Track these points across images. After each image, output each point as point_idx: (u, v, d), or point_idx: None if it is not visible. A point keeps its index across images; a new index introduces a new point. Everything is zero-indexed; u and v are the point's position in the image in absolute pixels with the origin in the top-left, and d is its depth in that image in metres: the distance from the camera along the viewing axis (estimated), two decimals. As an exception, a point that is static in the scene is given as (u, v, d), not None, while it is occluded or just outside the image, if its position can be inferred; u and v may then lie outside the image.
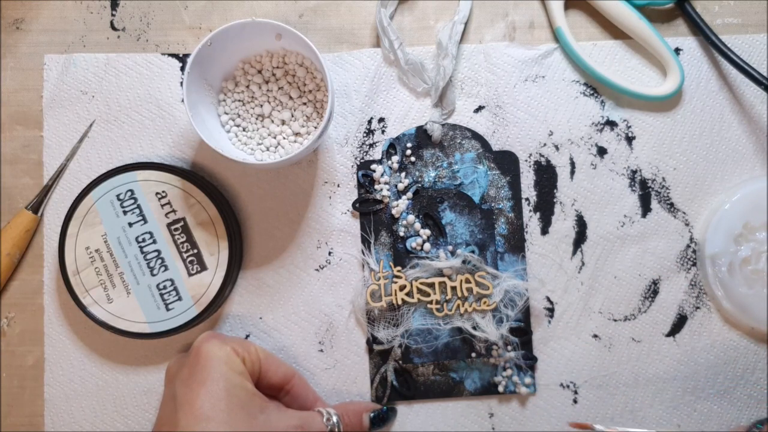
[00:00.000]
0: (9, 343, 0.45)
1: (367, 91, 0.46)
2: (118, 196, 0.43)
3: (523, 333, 0.45)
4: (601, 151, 0.46)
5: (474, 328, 0.44)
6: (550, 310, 0.45)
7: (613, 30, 0.47)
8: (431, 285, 0.44)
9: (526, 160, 0.46)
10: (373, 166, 0.45)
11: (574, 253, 0.46)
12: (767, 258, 0.44)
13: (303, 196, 0.46)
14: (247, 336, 0.45)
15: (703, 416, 0.45)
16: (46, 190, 0.46)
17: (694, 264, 0.46)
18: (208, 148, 0.40)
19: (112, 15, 0.47)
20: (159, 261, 0.43)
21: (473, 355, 0.44)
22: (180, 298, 0.43)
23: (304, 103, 0.44)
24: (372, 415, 0.43)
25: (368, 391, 0.45)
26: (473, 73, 0.46)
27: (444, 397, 0.45)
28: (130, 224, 0.43)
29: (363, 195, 0.45)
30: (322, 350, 0.45)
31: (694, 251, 0.46)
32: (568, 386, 0.45)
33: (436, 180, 0.46)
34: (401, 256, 0.45)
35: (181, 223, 0.43)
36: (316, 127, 0.44)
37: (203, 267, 0.43)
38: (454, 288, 0.44)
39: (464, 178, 0.45)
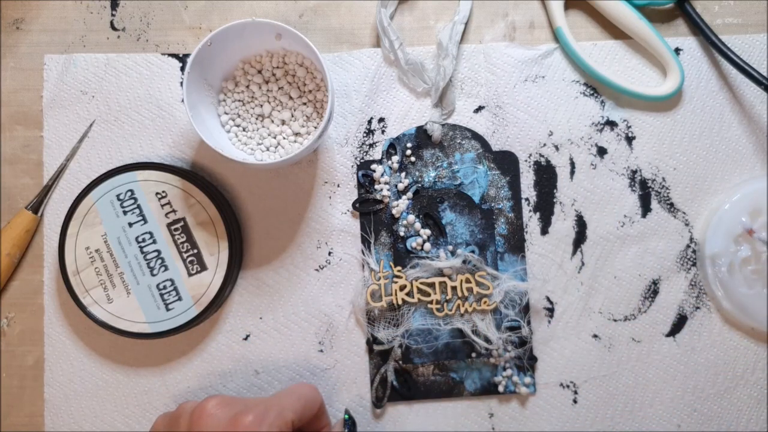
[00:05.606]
0: (9, 343, 0.45)
1: (367, 91, 0.46)
2: (118, 196, 0.43)
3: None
4: (601, 151, 0.46)
5: (474, 331, 0.44)
6: (550, 310, 0.45)
7: (613, 30, 0.47)
8: (431, 285, 0.44)
9: (525, 160, 0.46)
10: (373, 166, 0.45)
11: (574, 253, 0.46)
12: (767, 258, 0.44)
13: (303, 196, 0.46)
14: (247, 336, 0.45)
15: (703, 416, 0.45)
16: (46, 190, 0.46)
17: (694, 264, 0.46)
18: (208, 148, 0.40)
19: (112, 15, 0.47)
20: (159, 261, 0.43)
21: (473, 355, 0.44)
22: (180, 298, 0.43)
23: (304, 103, 0.44)
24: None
25: (368, 392, 0.45)
26: (473, 73, 0.46)
27: (444, 397, 0.45)
28: (130, 224, 0.43)
29: (363, 195, 0.45)
30: (322, 350, 0.45)
31: (694, 251, 0.46)
32: (568, 386, 0.45)
33: (436, 180, 0.46)
34: (401, 256, 0.45)
35: (181, 223, 0.43)
36: (316, 127, 0.44)
37: (203, 267, 0.43)
38: (454, 288, 0.44)
39: (464, 178, 0.45)
